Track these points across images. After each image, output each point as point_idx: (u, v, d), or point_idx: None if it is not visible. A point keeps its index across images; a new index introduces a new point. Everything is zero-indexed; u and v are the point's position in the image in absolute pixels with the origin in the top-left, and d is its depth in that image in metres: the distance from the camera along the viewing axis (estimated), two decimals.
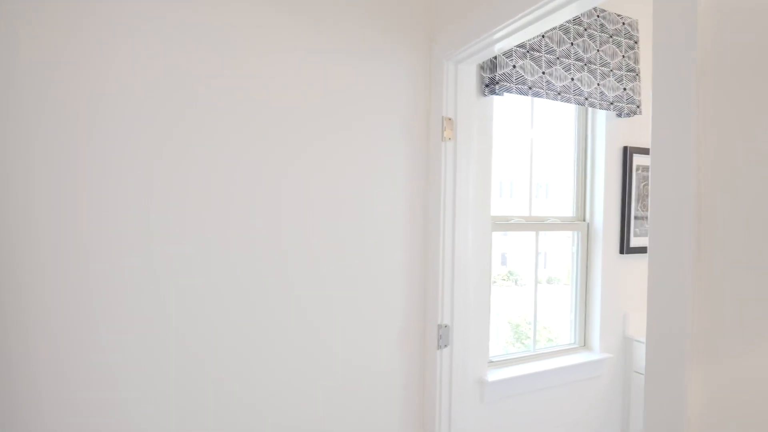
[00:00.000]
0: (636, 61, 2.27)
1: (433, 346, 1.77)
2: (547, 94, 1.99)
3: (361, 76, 1.67)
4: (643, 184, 2.44)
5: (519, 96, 2.18)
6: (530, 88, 1.94)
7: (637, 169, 2.42)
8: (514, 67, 1.90)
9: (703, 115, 0.92)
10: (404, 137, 1.76)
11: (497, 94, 1.91)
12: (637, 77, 2.27)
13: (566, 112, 2.40)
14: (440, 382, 1.76)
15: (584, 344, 2.41)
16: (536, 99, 2.26)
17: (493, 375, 2.02)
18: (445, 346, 1.76)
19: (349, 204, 1.66)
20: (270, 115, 1.52)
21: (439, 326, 1.75)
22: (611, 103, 2.18)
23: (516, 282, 2.37)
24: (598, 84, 2.14)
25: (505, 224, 2.15)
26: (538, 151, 2.29)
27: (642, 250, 2.44)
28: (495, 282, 2.16)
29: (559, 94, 2.02)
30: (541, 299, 2.31)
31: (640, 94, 2.28)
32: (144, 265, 1.33)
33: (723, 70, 0.89)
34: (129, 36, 1.31)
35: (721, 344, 0.92)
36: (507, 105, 2.19)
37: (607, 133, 2.33)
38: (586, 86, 2.10)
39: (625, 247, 2.39)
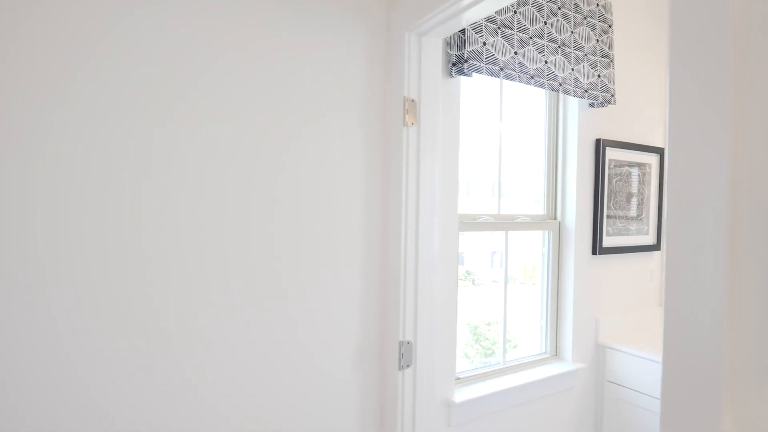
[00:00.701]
0: (610, 47, 2.10)
1: (393, 366, 1.51)
2: (519, 77, 1.77)
3: (308, 50, 1.38)
4: (615, 180, 2.29)
5: (489, 78, 1.97)
6: (502, 69, 1.72)
7: (610, 164, 2.26)
8: (485, 44, 1.67)
9: (740, 82, 0.71)
10: (360, 122, 1.48)
11: (466, 75, 1.67)
12: (611, 64, 2.11)
13: (536, 101, 2.20)
14: (402, 408, 1.50)
15: (555, 353, 2.23)
16: (504, 87, 2.04)
17: (461, 394, 1.79)
18: (408, 366, 1.51)
19: (296, 200, 1.37)
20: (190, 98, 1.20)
21: (401, 343, 1.49)
22: (586, 91, 2.00)
23: (473, 282, 2.17)
24: (573, 69, 1.95)
25: (472, 223, 1.93)
26: (506, 143, 2.08)
27: (614, 250, 2.29)
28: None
29: (532, 77, 1.81)
30: (502, 302, 2.11)
31: (614, 82, 2.12)
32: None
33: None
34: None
35: (760, 375, 0.71)
36: (473, 93, 1.97)
37: (579, 124, 2.15)
38: (561, 71, 1.90)
39: (597, 248, 2.22)
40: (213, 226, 1.24)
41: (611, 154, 2.26)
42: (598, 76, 2.05)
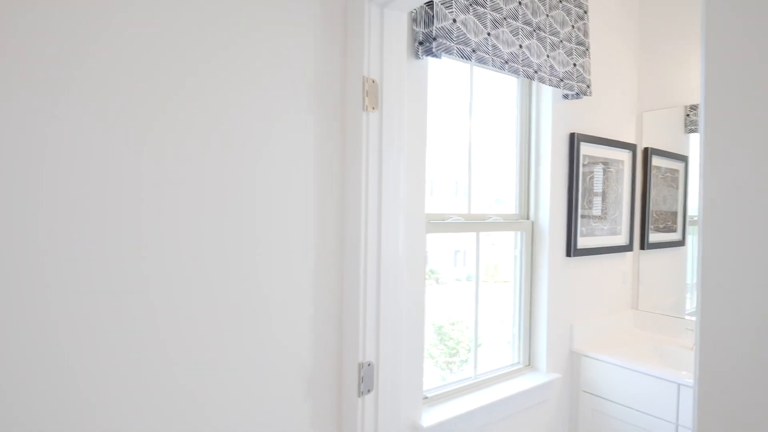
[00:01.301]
0: (586, 34, 1.96)
1: (352, 392, 1.29)
2: (493, 61, 1.59)
3: (249, 18, 1.14)
4: (589, 177, 2.16)
5: (457, 65, 1.78)
6: (474, 51, 1.53)
7: (584, 160, 2.13)
8: (455, 21, 1.48)
9: None
10: (312, 105, 1.26)
11: (434, 56, 1.47)
12: (587, 53, 1.97)
13: (507, 93, 2.04)
14: None
15: (529, 363, 2.07)
16: (474, 77, 1.86)
17: (429, 416, 1.59)
18: (369, 391, 1.29)
19: (231, 197, 1.12)
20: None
21: (361, 365, 1.27)
22: (561, 80, 1.85)
23: (437, 281, 2.01)
24: (548, 56, 1.79)
25: (441, 224, 1.73)
26: (476, 137, 1.90)
27: (588, 252, 2.16)
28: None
29: (506, 62, 1.63)
30: (466, 304, 1.93)
31: (590, 72, 1.98)
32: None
33: None
34: None
35: None
36: (440, 82, 1.77)
37: (553, 116, 2.00)
38: (536, 57, 1.74)
39: (572, 249, 2.08)
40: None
41: (586, 149, 2.12)
42: (574, 64, 1.90)
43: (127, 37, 0.98)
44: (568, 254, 2.08)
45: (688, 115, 2.34)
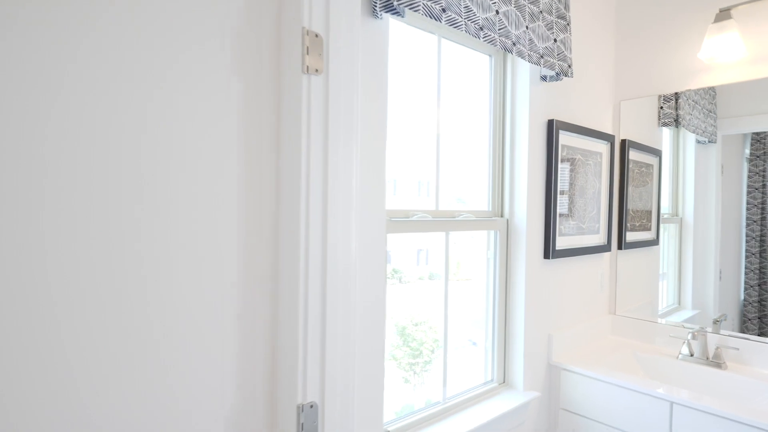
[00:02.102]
0: (567, 7, 1.74)
1: None
2: (466, 25, 1.32)
3: None
4: (568, 171, 1.94)
5: (427, 22, 1.51)
6: (444, 10, 1.25)
7: (563, 151, 1.90)
8: None
9: None
10: (236, 66, 0.94)
11: (395, 13, 1.19)
12: (568, 27, 1.74)
13: (480, 72, 1.78)
14: None
15: (504, 380, 1.83)
16: (443, 55, 1.59)
17: None
18: None
19: (144, 184, 0.80)
20: None
21: (300, 408, 0.97)
22: (542, 56, 1.61)
23: (400, 280, 1.76)
24: (527, 27, 1.54)
25: (404, 222, 1.45)
26: (445, 122, 1.63)
27: (566, 253, 1.94)
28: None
29: (481, 29, 1.37)
30: (430, 301, 1.67)
31: (571, 50, 1.76)
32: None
33: None
34: None
35: None
36: (403, 59, 1.49)
37: (530, 101, 1.76)
38: (514, 27, 1.49)
39: (550, 251, 1.85)
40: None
41: (564, 139, 1.90)
42: (555, 40, 1.67)
43: None
44: (546, 256, 1.85)
45: (662, 107, 2.17)
